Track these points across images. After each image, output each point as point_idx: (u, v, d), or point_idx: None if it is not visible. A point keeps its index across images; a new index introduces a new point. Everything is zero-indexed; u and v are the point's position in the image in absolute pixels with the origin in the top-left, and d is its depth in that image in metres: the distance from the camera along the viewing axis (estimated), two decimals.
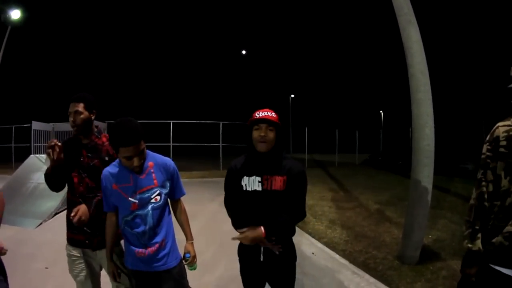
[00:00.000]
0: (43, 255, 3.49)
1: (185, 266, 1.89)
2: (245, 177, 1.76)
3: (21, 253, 3.66)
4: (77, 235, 1.94)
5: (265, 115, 1.71)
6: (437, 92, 4.15)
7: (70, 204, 1.99)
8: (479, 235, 1.52)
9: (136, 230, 1.70)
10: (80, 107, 1.90)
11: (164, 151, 1.87)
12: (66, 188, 2.05)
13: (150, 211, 1.71)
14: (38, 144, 10.74)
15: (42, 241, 4.02)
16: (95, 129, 2.01)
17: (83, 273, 2.00)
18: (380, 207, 6.77)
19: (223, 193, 1.92)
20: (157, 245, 1.72)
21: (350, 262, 3.70)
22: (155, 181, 1.73)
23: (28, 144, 11.15)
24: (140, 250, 1.71)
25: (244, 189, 1.75)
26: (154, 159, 1.77)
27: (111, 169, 1.75)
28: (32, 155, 7.39)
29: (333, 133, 18.49)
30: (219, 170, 13.77)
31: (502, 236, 1.46)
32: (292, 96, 32.38)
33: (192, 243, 1.91)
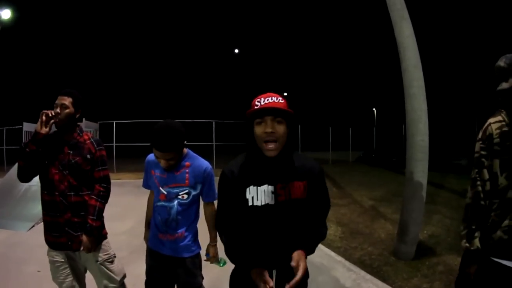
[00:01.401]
0: (36, 258, 3.42)
1: (212, 263, 2.03)
2: (251, 187, 1.32)
3: (14, 257, 3.62)
4: (59, 238, 1.89)
5: (269, 102, 1.26)
6: (431, 88, 4.16)
7: (47, 206, 1.90)
8: (477, 234, 1.52)
9: (161, 217, 1.83)
10: (68, 101, 1.88)
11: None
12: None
13: (176, 206, 1.81)
14: None
15: (35, 244, 3.94)
16: (77, 128, 1.99)
17: (69, 279, 1.96)
18: (374, 204, 6.80)
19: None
20: (176, 235, 1.84)
21: (346, 259, 3.70)
22: (187, 181, 1.82)
23: (19, 146, 10.98)
24: (162, 234, 1.85)
25: (251, 203, 1.32)
26: (192, 161, 1.86)
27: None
28: None
29: (327, 131, 18.52)
30: (213, 169, 13.73)
31: (501, 230, 1.48)
32: (285, 94, 32.43)
33: (214, 245, 2.00)
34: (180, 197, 1.81)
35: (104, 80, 39.53)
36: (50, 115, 1.79)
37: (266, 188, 1.31)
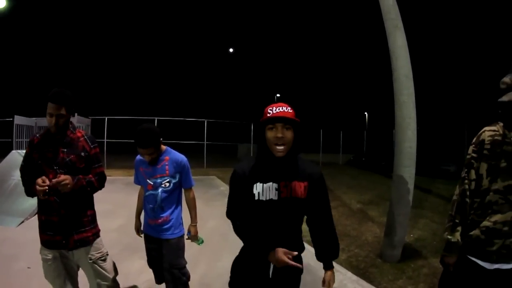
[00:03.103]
0: (26, 254, 3.41)
1: (193, 242, 2.47)
2: (258, 183, 1.50)
3: (2, 253, 3.60)
4: (53, 237, 1.90)
5: (280, 112, 1.46)
6: (421, 94, 4.26)
7: (42, 204, 1.92)
8: (459, 228, 1.66)
9: (149, 205, 2.27)
10: (63, 110, 1.87)
11: None
12: None
13: (160, 193, 2.24)
14: (20, 140, 10.45)
15: (24, 240, 3.93)
16: (70, 125, 1.98)
17: (62, 277, 1.98)
18: (363, 207, 6.90)
19: (208, 190, 1.92)
20: (161, 219, 2.25)
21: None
22: (167, 171, 2.25)
23: (10, 140, 10.83)
24: (151, 220, 2.28)
25: (257, 198, 1.50)
26: (171, 155, 2.29)
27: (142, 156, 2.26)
28: (14, 151, 7.18)
29: (318, 133, 18.62)
30: (203, 168, 13.78)
31: (479, 229, 1.61)
32: (278, 95, 32.43)
33: (195, 225, 2.46)
34: (163, 185, 2.24)
35: (97, 76, 39.07)
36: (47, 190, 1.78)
37: (271, 185, 1.49)
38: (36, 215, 2.01)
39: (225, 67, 46.31)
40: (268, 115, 1.47)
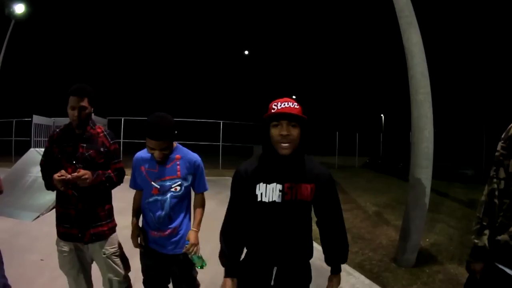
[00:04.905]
0: (39, 247, 3.50)
1: (190, 256, 1.89)
2: (261, 184, 1.40)
3: (18, 245, 3.68)
4: (70, 229, 1.92)
5: (286, 107, 1.35)
6: (438, 95, 4.15)
7: (60, 197, 1.95)
8: (486, 231, 1.50)
9: (154, 213, 1.86)
10: (85, 102, 1.89)
11: None
12: None
13: (169, 199, 1.85)
14: (39, 138, 10.76)
15: (39, 234, 4.02)
16: (90, 121, 2.00)
17: (75, 268, 1.99)
18: (378, 210, 6.78)
19: (222, 191, 1.84)
20: (169, 231, 1.87)
21: (346, 263, 3.69)
22: (178, 172, 1.86)
23: (29, 138, 11.16)
24: (154, 231, 1.88)
25: (259, 199, 1.40)
26: (183, 153, 1.91)
27: (143, 153, 1.93)
28: (32, 149, 7.39)
29: (334, 135, 18.49)
30: (218, 169, 13.80)
31: (508, 234, 1.44)
32: (294, 97, 32.33)
33: (196, 231, 1.95)
34: (173, 189, 1.85)
35: (116, 77, 39.94)
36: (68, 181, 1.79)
37: (274, 186, 1.38)
38: (52, 211, 2.04)
39: (241, 69, 46.61)
40: (273, 111, 1.36)
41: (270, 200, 1.38)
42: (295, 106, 1.36)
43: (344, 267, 3.56)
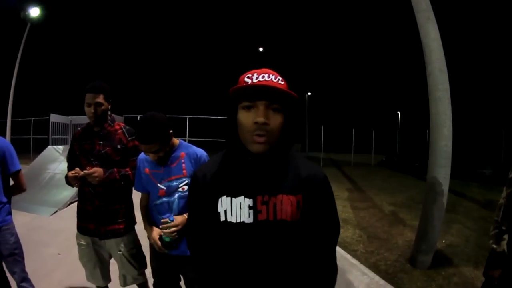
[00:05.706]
0: (56, 241, 3.58)
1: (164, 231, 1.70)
2: (223, 197, 0.96)
3: (35, 239, 3.78)
4: (87, 224, 1.97)
5: (266, 81, 0.88)
6: (456, 93, 4.03)
7: (79, 193, 2.01)
8: (506, 236, 1.46)
9: (162, 215, 1.72)
10: (101, 98, 1.91)
11: None
12: None
13: (177, 200, 1.73)
14: (56, 136, 11.03)
15: (56, 229, 4.12)
16: (108, 118, 2.01)
17: (92, 261, 2.03)
18: (394, 209, 6.65)
19: None
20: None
21: (361, 262, 3.64)
22: (184, 171, 1.73)
23: (46, 136, 11.46)
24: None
25: (223, 219, 0.96)
26: (187, 150, 1.78)
27: None
28: (49, 146, 7.59)
29: (350, 133, 18.28)
30: None
31: None
32: (309, 94, 32.13)
33: (186, 218, 1.70)
34: (180, 189, 1.72)
35: (130, 76, 40.59)
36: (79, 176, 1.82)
37: (242, 201, 0.95)
38: (68, 206, 2.08)
39: (256, 65, 46.60)
40: (245, 84, 0.89)
41: (238, 220, 0.95)
42: (279, 81, 0.90)
43: (359, 266, 3.52)
